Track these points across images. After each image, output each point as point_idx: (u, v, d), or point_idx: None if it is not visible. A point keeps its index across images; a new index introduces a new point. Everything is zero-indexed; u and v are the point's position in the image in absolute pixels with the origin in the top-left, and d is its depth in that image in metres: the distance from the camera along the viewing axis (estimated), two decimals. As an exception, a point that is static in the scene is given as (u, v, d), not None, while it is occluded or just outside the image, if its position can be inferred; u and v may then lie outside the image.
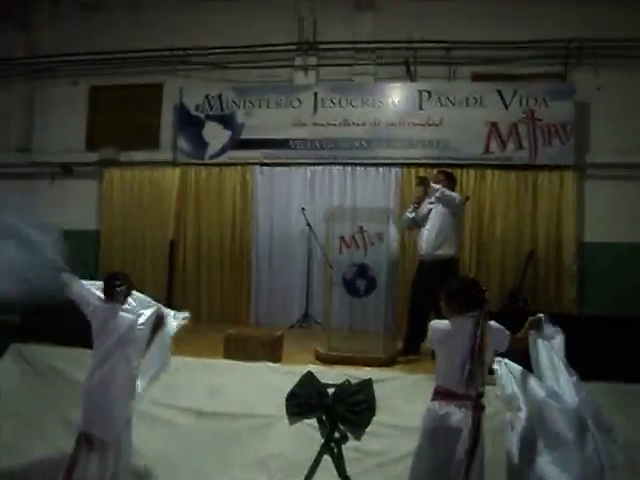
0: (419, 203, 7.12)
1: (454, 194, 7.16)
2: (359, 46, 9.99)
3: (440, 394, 3.88)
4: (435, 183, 7.10)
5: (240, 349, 6.23)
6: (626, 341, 5.83)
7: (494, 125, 9.40)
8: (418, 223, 7.17)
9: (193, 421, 5.65)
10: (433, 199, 7.04)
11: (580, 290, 9.23)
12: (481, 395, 3.82)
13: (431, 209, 7.05)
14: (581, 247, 9.31)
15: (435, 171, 7.94)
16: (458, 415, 3.76)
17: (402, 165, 9.67)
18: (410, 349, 6.87)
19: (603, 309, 8.42)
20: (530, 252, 8.92)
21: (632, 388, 5.54)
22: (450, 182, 7.33)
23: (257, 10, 10.26)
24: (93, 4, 10.86)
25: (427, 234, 6.98)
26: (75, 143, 10.97)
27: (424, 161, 9.53)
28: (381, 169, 9.76)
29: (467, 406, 3.78)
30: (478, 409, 3.78)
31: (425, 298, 6.77)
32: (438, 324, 4.06)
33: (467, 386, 3.75)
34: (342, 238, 6.71)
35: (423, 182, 7.17)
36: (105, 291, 4.82)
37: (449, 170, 7.79)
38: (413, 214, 7.14)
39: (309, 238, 9.40)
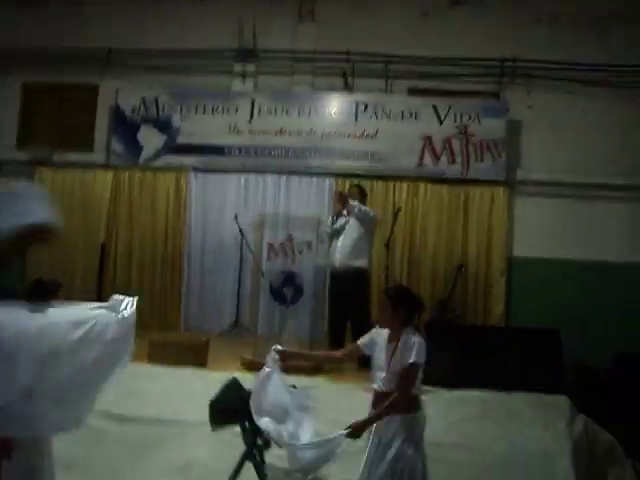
0: (336, 217, 7.29)
1: (370, 211, 7.38)
2: (298, 56, 10.03)
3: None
4: (350, 197, 7.30)
5: (165, 354, 6.17)
6: (548, 353, 5.99)
7: (428, 139, 9.54)
8: (333, 235, 7.30)
9: (113, 425, 5.53)
10: (345, 213, 7.25)
11: (507, 304, 9.40)
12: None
13: (347, 222, 7.23)
14: (510, 262, 9.49)
15: (348, 185, 8.15)
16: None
17: (336, 175, 9.72)
18: None
19: (530, 323, 8.60)
20: (460, 265, 9.07)
21: (551, 399, 5.66)
22: (363, 196, 7.69)
23: (198, 15, 10.24)
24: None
25: (341, 246, 7.14)
26: (6, 140, 10.70)
27: (358, 172, 9.60)
28: (315, 178, 9.80)
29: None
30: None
31: (342, 307, 6.95)
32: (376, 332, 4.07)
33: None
34: (271, 245, 6.72)
35: (341, 199, 7.36)
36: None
37: (360, 184, 8.16)
38: (330, 228, 7.34)
39: (241, 245, 9.36)
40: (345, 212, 7.28)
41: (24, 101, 10.85)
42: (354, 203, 7.22)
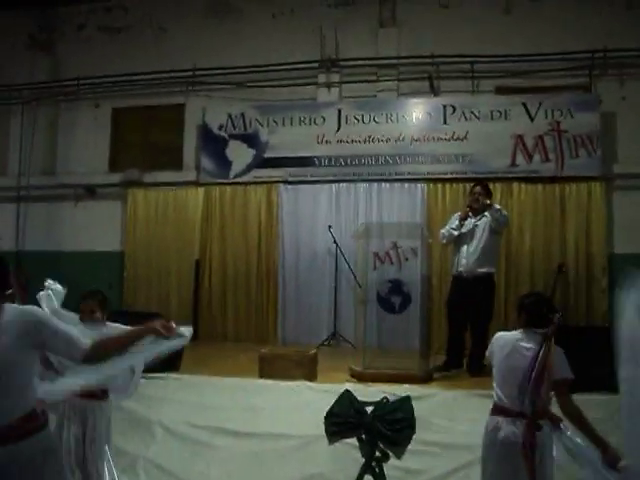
0: (466, 217, 7.06)
1: (506, 213, 7.16)
2: (381, 62, 9.98)
3: (494, 409, 3.81)
4: (476, 196, 7.07)
5: (275, 368, 6.17)
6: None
7: (519, 138, 9.33)
8: (457, 238, 7.11)
9: (232, 442, 5.58)
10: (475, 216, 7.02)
11: (611, 303, 9.10)
12: (538, 414, 3.70)
13: (476, 224, 7.00)
14: (611, 259, 9.18)
15: (472, 185, 7.79)
16: (507, 430, 3.68)
17: (427, 180, 9.59)
18: (451, 364, 6.86)
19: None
20: (560, 265, 8.79)
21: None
22: (489, 195, 7.29)
23: (279, 28, 10.37)
24: (116, 28, 10.95)
25: (471, 250, 6.93)
26: (98, 165, 11.02)
27: (450, 176, 9.46)
28: (406, 185, 9.68)
29: (518, 423, 3.69)
30: (531, 428, 3.67)
31: (464, 314, 6.81)
32: (500, 336, 3.98)
33: (521, 403, 3.67)
34: (376, 254, 6.66)
35: (484, 201, 7.10)
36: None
37: (484, 182, 7.69)
38: (458, 231, 7.06)
39: (336, 256, 9.33)
40: (471, 214, 7.05)
41: (114, 125, 11.18)
42: (497, 206, 7.05)
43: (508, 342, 3.87)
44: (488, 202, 7.08)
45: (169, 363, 6.61)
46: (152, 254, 10.44)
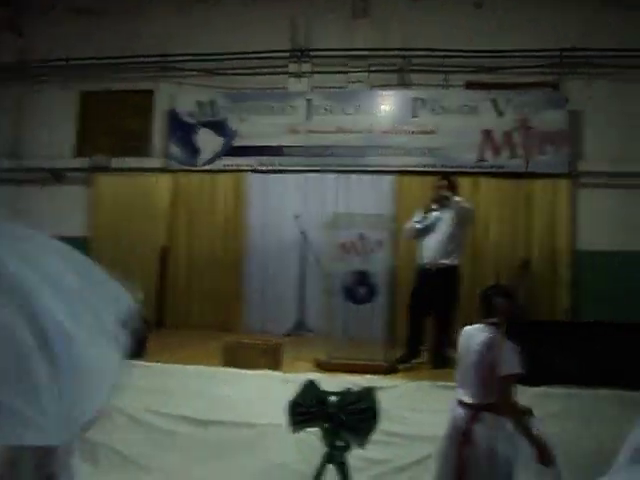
0: (429, 210, 7.09)
1: (470, 207, 7.20)
2: (353, 53, 9.96)
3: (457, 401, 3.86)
4: (439, 189, 7.11)
5: (239, 357, 6.16)
6: (633, 348, 5.84)
7: (488, 133, 9.41)
8: (423, 231, 7.14)
9: (193, 430, 5.56)
10: (435, 207, 7.06)
11: (574, 299, 9.22)
12: (491, 407, 3.73)
13: (439, 217, 7.03)
14: (575, 255, 9.31)
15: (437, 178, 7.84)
16: (458, 421, 3.75)
17: (396, 172, 9.63)
18: (410, 355, 6.91)
19: (598, 318, 8.41)
20: (525, 261, 8.90)
21: (637, 396, 5.51)
22: (454, 189, 7.32)
23: (251, 16, 10.22)
24: (86, 10, 10.76)
25: (435, 243, 6.96)
26: (65, 149, 10.86)
27: (418, 169, 9.50)
28: (375, 176, 9.72)
29: (465, 413, 3.75)
30: (474, 419, 3.71)
31: (427, 306, 6.86)
32: (464, 331, 4.03)
33: (469, 394, 3.74)
34: (342, 244, 6.67)
35: (444, 191, 7.15)
36: None
37: (450, 177, 7.69)
38: (421, 225, 7.08)
39: (303, 246, 9.33)
40: (434, 207, 7.09)
41: (81, 109, 11.00)
42: (457, 198, 7.08)
43: (466, 336, 3.93)
44: (448, 195, 7.10)
45: (132, 349, 6.58)
46: (118, 240, 10.31)
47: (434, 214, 7.07)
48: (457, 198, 7.16)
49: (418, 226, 7.08)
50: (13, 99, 10.94)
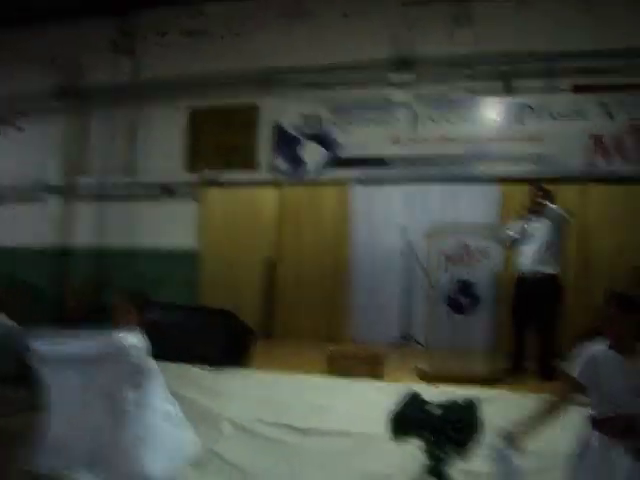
0: (525, 221, 6.99)
1: (566, 214, 7.09)
2: (456, 61, 9.87)
3: None
4: (535, 198, 7.01)
5: (343, 366, 6.21)
6: None
7: (598, 138, 9.10)
8: (516, 240, 7.02)
9: (297, 438, 5.63)
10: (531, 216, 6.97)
11: None
12: None
13: (536, 226, 6.92)
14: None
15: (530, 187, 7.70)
16: None
17: (502, 181, 9.46)
18: (516, 368, 6.79)
19: None
20: (638, 268, 8.53)
21: None
22: (550, 198, 7.22)
23: (352, 28, 10.30)
24: (198, 32, 11.13)
25: (532, 252, 6.86)
26: (176, 165, 11.24)
27: (524, 176, 9.28)
28: (481, 186, 9.58)
29: None
30: None
31: (528, 316, 6.74)
32: None
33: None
34: (446, 254, 6.62)
35: (542, 198, 7.09)
36: None
37: (544, 186, 7.62)
38: (517, 234, 6.98)
39: (408, 257, 9.28)
40: (531, 216, 7.01)
41: (190, 126, 11.34)
42: (553, 206, 6.99)
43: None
44: (544, 202, 7.04)
45: (239, 359, 6.74)
46: (227, 253, 10.60)
47: (531, 223, 6.94)
48: (552, 206, 7.01)
49: (514, 235, 6.98)
50: (127, 118, 11.43)
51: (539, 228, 6.96)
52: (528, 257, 6.92)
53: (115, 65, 11.47)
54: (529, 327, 6.96)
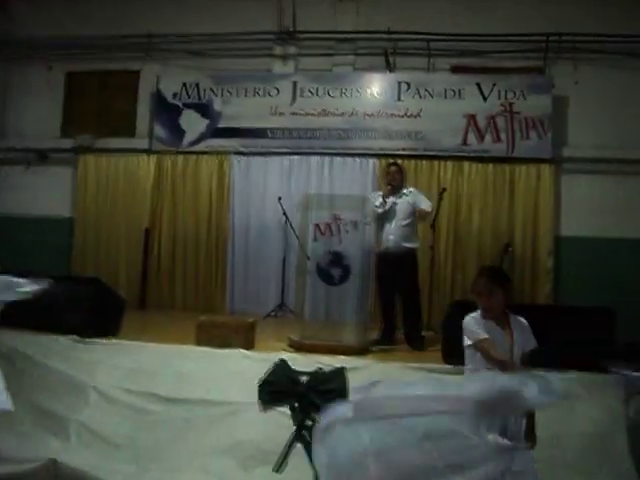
0: (388, 196, 7.12)
1: (429, 204, 7.32)
2: (339, 36, 9.93)
3: None
4: (393, 177, 7.19)
5: (213, 336, 6.17)
6: (601, 332, 5.87)
7: (472, 117, 9.40)
8: (382, 216, 7.15)
9: (163, 408, 5.56)
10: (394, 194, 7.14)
11: (555, 284, 9.24)
12: None
13: (395, 202, 7.09)
14: (557, 241, 9.32)
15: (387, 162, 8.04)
16: None
17: (380, 156, 9.61)
18: (386, 338, 6.94)
19: (580, 303, 8.42)
20: (506, 245, 8.89)
21: (605, 378, 5.53)
22: (403, 174, 7.52)
23: (237, -2, 10.20)
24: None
25: (395, 228, 7.00)
26: (50, 129, 10.83)
27: (402, 152, 9.48)
28: (358, 159, 9.72)
29: None
30: None
31: (393, 288, 6.90)
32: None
33: None
34: (317, 225, 6.67)
35: (397, 176, 7.29)
36: None
37: (399, 162, 7.92)
38: (382, 209, 7.08)
39: (285, 228, 9.32)
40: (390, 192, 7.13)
41: (67, 90, 10.97)
42: (411, 188, 7.30)
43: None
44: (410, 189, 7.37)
45: (108, 329, 6.60)
46: (102, 221, 10.37)
47: (391, 199, 7.09)
48: (410, 189, 7.35)
49: (379, 210, 7.08)
50: (-2, 78, 10.93)
51: (399, 205, 7.11)
52: (392, 233, 7.04)
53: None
54: (394, 297, 7.11)
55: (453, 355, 5.88)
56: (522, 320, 3.90)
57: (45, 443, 5.30)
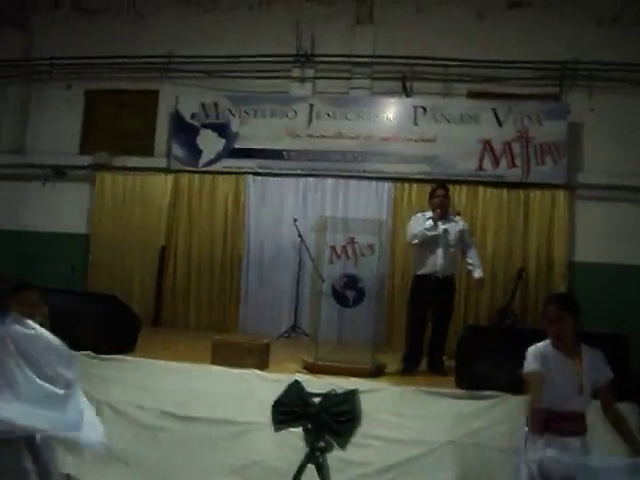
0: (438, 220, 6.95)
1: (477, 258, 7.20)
2: (356, 60, 10.03)
3: None
4: (442, 202, 7.04)
5: (227, 355, 6.21)
6: (615, 359, 5.84)
7: (488, 143, 9.43)
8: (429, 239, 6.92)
9: (176, 425, 5.61)
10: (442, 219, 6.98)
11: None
12: None
13: (446, 229, 6.93)
14: (571, 266, 9.32)
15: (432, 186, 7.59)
16: None
17: (394, 180, 9.68)
18: (413, 364, 6.88)
19: (593, 329, 8.39)
20: (520, 270, 8.89)
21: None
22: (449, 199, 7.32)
23: (256, 20, 10.37)
24: (93, 10, 10.91)
25: (445, 253, 6.86)
26: (69, 146, 10.96)
27: (417, 176, 9.55)
28: (374, 183, 9.76)
29: None
30: None
31: (427, 312, 6.85)
32: None
33: None
34: (333, 248, 6.72)
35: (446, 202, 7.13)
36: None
37: (447, 186, 7.52)
38: (432, 233, 6.87)
39: (300, 249, 9.36)
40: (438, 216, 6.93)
41: (87, 108, 11.11)
42: (457, 218, 7.17)
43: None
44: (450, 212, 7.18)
45: (123, 346, 6.65)
46: (118, 238, 10.42)
47: (440, 224, 6.92)
48: (457, 218, 7.18)
49: (429, 234, 6.85)
50: (18, 96, 11.08)
51: (449, 231, 6.95)
52: (441, 258, 6.86)
53: (6, 39, 11.05)
54: (427, 324, 7.01)
55: (466, 379, 5.92)
56: (595, 350, 3.79)
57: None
